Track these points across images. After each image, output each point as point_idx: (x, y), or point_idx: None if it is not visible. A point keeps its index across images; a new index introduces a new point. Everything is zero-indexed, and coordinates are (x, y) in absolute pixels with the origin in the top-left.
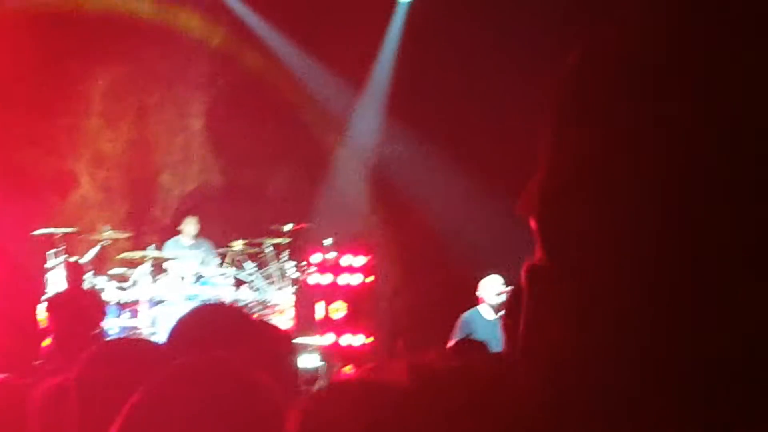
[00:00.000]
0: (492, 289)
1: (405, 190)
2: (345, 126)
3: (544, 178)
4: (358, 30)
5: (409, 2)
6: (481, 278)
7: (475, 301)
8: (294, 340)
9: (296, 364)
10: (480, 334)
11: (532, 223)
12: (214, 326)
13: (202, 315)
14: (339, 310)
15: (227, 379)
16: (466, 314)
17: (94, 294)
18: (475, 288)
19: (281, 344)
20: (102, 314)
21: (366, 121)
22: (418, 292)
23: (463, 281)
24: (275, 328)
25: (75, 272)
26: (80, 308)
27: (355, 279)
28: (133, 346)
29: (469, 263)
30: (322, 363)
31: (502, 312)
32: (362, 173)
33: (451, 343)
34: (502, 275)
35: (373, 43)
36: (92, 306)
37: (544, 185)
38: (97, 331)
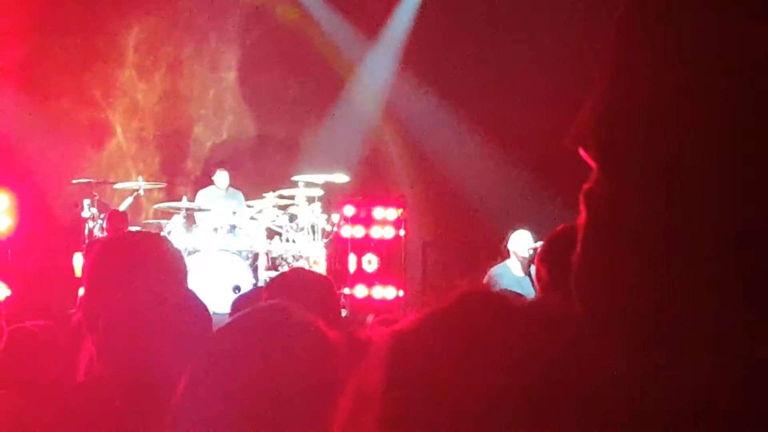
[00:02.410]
0: (522, 244)
1: (435, 143)
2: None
3: (603, 101)
4: None
5: None
6: (511, 233)
7: (505, 256)
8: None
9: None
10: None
11: (584, 151)
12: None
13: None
14: (371, 262)
15: (294, 325)
16: (495, 269)
17: None
18: (504, 243)
19: (330, 290)
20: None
21: (383, 73)
22: (448, 246)
23: (493, 236)
24: (321, 276)
25: (118, 220)
26: None
27: (388, 232)
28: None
29: (498, 218)
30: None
31: (532, 267)
32: (394, 125)
33: None
34: (531, 231)
35: None
36: None
37: (604, 107)
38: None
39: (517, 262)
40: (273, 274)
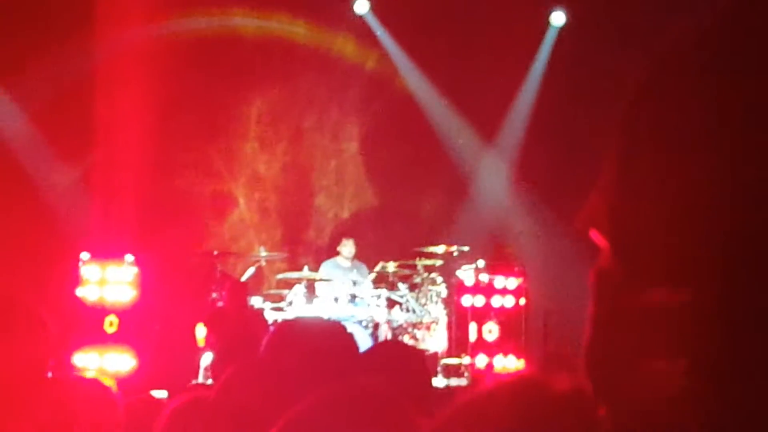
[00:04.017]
0: None
1: (555, 212)
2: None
3: (614, 193)
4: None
5: (560, 27)
6: None
7: None
8: (443, 361)
9: (432, 385)
10: None
11: (594, 234)
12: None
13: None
14: (492, 331)
15: (376, 406)
16: None
17: (258, 312)
18: None
19: (422, 366)
20: (266, 332)
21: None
22: (570, 315)
23: None
24: (415, 350)
25: (239, 291)
26: (244, 325)
27: (508, 301)
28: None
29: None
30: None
31: None
32: (515, 196)
33: None
34: None
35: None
36: (256, 323)
37: (615, 198)
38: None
39: None
40: None
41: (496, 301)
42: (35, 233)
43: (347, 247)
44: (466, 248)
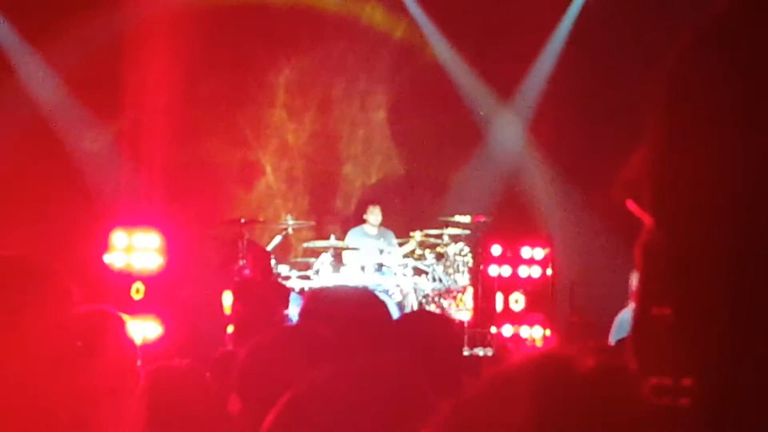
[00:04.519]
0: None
1: (583, 182)
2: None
3: (658, 157)
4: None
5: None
6: (632, 273)
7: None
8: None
9: (463, 354)
10: None
11: (631, 205)
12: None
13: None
14: (518, 301)
15: (385, 383)
16: (622, 313)
17: (278, 282)
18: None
19: (453, 335)
20: (284, 301)
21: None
22: (597, 285)
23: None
24: (446, 319)
25: (262, 259)
26: (265, 294)
27: (535, 271)
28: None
29: None
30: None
31: None
32: (541, 165)
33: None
34: None
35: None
36: (276, 293)
37: (660, 163)
38: (279, 317)
39: None
40: None
41: (523, 272)
42: (64, 199)
43: (374, 215)
44: (493, 218)
